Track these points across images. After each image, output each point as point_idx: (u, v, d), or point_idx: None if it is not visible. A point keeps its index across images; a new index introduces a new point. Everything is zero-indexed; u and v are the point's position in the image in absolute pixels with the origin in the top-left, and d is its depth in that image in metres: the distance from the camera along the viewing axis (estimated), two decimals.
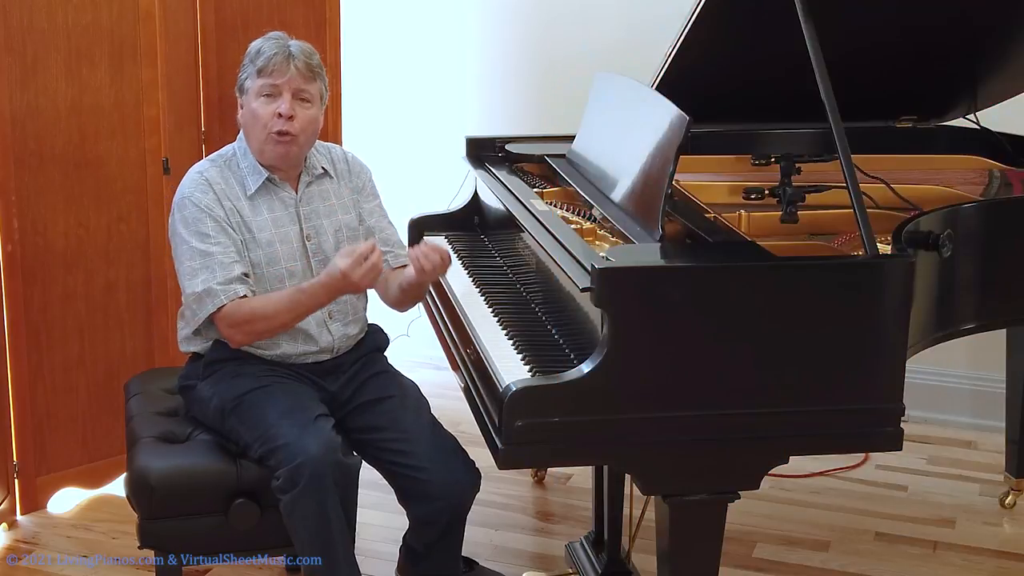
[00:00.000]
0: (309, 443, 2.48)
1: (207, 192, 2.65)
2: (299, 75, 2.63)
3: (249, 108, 2.66)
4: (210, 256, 2.61)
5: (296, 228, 2.71)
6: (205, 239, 2.62)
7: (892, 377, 2.24)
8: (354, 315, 2.78)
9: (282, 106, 2.62)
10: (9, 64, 3.14)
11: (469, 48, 4.47)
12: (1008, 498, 3.52)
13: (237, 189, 2.69)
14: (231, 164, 2.71)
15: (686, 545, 2.27)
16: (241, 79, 2.68)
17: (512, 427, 2.11)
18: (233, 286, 2.59)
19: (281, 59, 2.62)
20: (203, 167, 2.71)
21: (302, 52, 2.65)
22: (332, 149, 2.85)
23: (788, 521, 3.43)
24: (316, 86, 2.67)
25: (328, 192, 2.77)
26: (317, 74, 2.67)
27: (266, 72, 2.62)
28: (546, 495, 3.59)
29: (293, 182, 2.74)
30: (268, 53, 2.63)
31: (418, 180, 4.35)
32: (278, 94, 2.62)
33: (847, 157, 2.33)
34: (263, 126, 2.63)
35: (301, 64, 2.63)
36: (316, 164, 2.76)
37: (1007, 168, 3.23)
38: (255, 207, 2.68)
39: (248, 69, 2.66)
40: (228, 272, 2.60)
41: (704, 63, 2.95)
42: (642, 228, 2.44)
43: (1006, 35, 3.03)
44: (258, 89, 2.63)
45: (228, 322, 2.60)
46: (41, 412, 3.34)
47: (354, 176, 2.83)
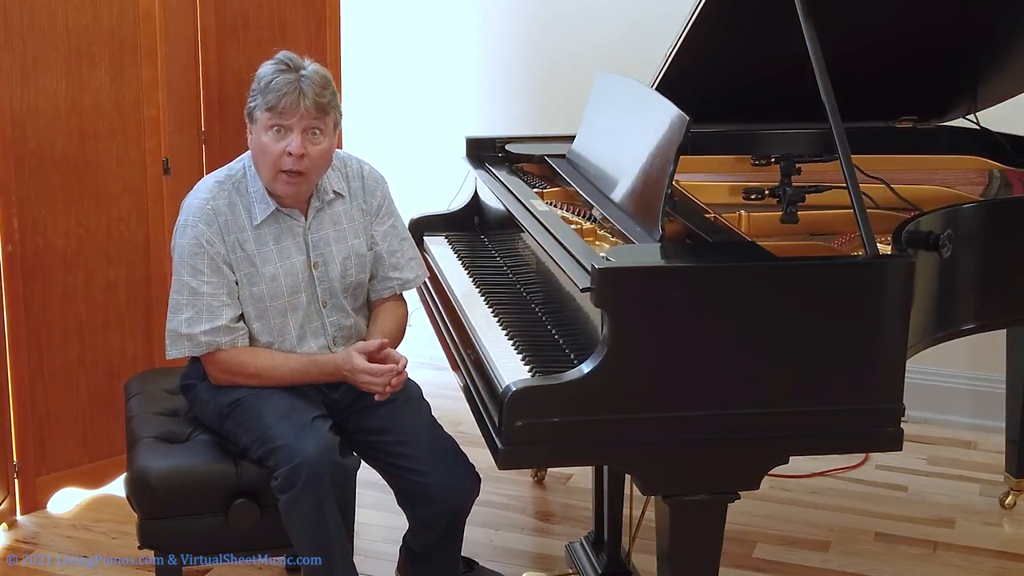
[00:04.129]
0: (306, 444, 2.47)
1: (211, 224, 2.59)
2: (309, 114, 2.52)
3: (259, 140, 2.56)
4: (199, 296, 2.58)
5: (303, 258, 2.67)
6: (198, 276, 2.58)
7: (892, 377, 2.24)
8: (357, 337, 2.76)
9: (292, 144, 2.52)
10: (9, 64, 3.14)
11: (469, 48, 4.47)
12: (1008, 498, 3.52)
13: (243, 219, 2.62)
14: (240, 188, 2.64)
15: (686, 545, 2.27)
16: (250, 107, 2.57)
17: (512, 427, 2.11)
18: (216, 338, 2.58)
19: (292, 99, 2.49)
20: (211, 192, 2.63)
21: (313, 88, 2.51)
22: (348, 164, 2.76)
23: (788, 521, 3.43)
24: (329, 119, 2.57)
25: (339, 215, 2.71)
26: (330, 106, 2.56)
27: (276, 109, 2.51)
28: (546, 495, 3.59)
29: (303, 206, 2.67)
30: (278, 91, 2.50)
31: (418, 180, 4.35)
32: (288, 130, 2.53)
33: (847, 157, 2.33)
34: (272, 163, 2.55)
35: (311, 103, 2.51)
36: (328, 188, 2.69)
37: (1007, 168, 3.23)
38: (260, 238, 2.63)
39: (257, 100, 2.54)
40: (214, 319, 2.58)
41: (704, 63, 2.96)
42: (642, 228, 2.44)
43: (1006, 35, 3.03)
44: (267, 122, 2.53)
45: (220, 367, 2.62)
46: (41, 412, 3.34)
47: (368, 195, 2.75)
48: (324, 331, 2.70)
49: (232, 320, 2.60)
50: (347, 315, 2.73)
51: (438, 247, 3.20)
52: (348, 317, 2.74)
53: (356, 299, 2.77)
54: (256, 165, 2.62)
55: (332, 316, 2.71)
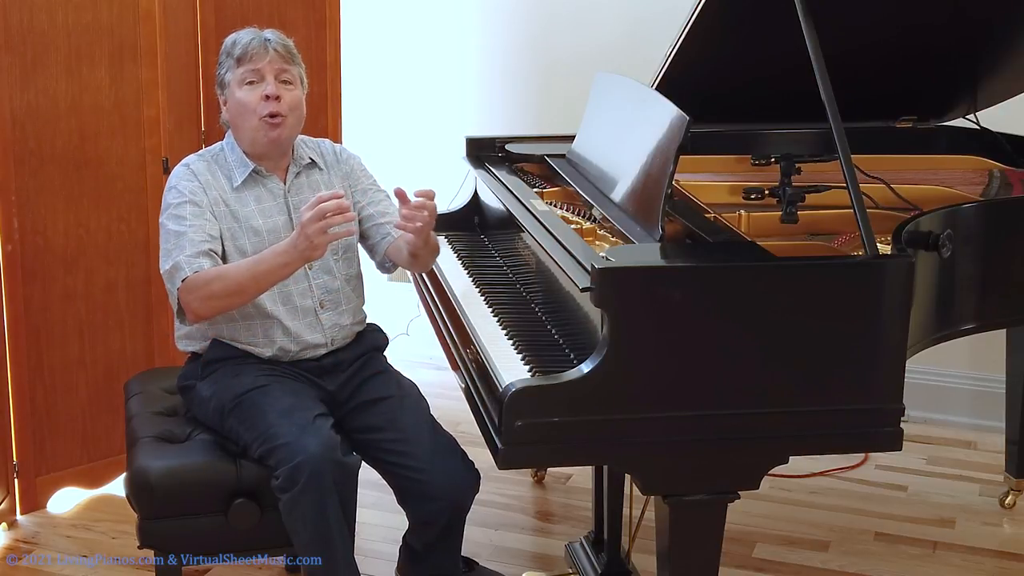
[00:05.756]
0: (308, 442, 2.47)
1: (192, 180, 2.67)
2: (279, 57, 2.66)
3: (234, 99, 2.67)
4: (182, 235, 2.60)
5: (284, 218, 2.71)
6: (181, 222, 2.62)
7: (892, 377, 2.24)
8: (346, 304, 2.77)
9: (268, 88, 2.63)
10: (9, 64, 3.14)
11: (469, 48, 4.47)
12: (1008, 498, 3.52)
13: (224, 182, 2.70)
14: (218, 159, 2.73)
15: (686, 545, 2.27)
16: (220, 74, 2.70)
17: (512, 427, 2.11)
18: (199, 260, 2.57)
19: (258, 45, 2.65)
20: (190, 160, 2.74)
21: (278, 36, 2.69)
22: (321, 143, 2.86)
23: (788, 521, 3.43)
24: (296, 69, 2.70)
25: (318, 183, 2.78)
26: (296, 57, 2.70)
27: (246, 59, 2.64)
28: (546, 495, 3.59)
29: (281, 173, 2.74)
30: (244, 41, 2.66)
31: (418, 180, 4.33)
32: (261, 79, 2.64)
33: (847, 157, 2.33)
34: (252, 112, 2.65)
35: (279, 47, 2.67)
36: (304, 155, 2.78)
37: (1007, 168, 3.23)
38: (242, 198, 2.69)
39: (227, 63, 2.68)
40: (196, 248, 2.59)
41: (704, 63, 2.96)
42: (642, 228, 2.44)
43: (1006, 35, 3.03)
44: (240, 78, 2.65)
45: (189, 289, 2.54)
46: (41, 412, 3.34)
47: (342, 163, 2.84)
48: (311, 293, 2.71)
49: (213, 251, 2.61)
50: (334, 278, 2.74)
51: None
52: (335, 280, 2.75)
53: (349, 265, 2.78)
54: (236, 129, 2.71)
55: (319, 278, 2.72)
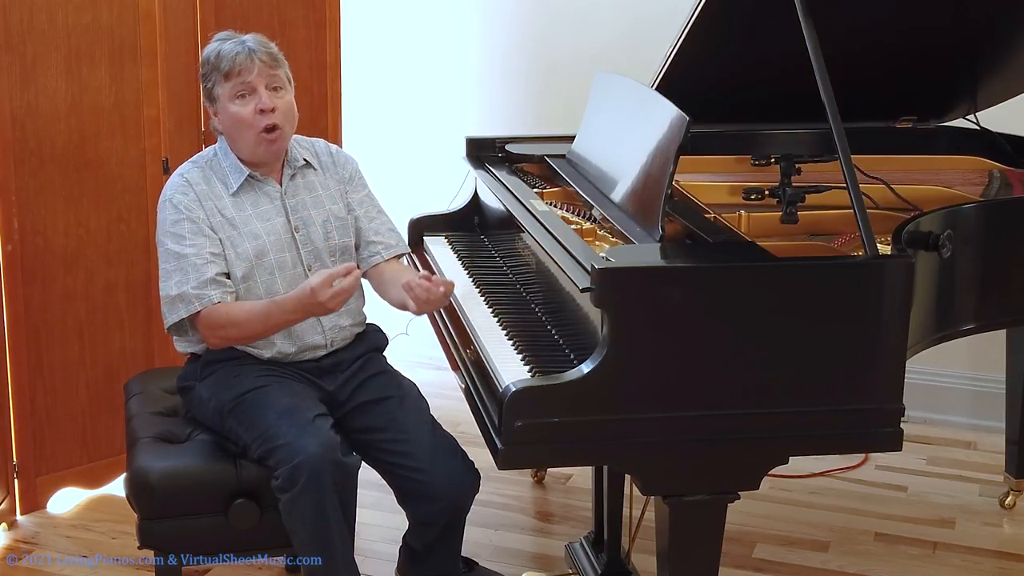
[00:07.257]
0: (308, 443, 2.47)
1: (187, 193, 2.66)
2: (265, 66, 2.63)
3: (228, 114, 2.65)
4: (184, 258, 2.61)
5: (283, 220, 2.71)
6: (180, 241, 2.62)
7: (892, 377, 2.24)
8: (345, 305, 2.77)
9: (262, 100, 2.62)
10: (9, 64, 3.14)
11: (469, 48, 4.47)
12: (1008, 499, 3.52)
13: (220, 188, 2.69)
14: (212, 164, 2.72)
15: (686, 545, 2.27)
16: (208, 88, 2.67)
17: (512, 427, 2.11)
18: (207, 291, 2.59)
19: (244, 57, 2.62)
20: (185, 169, 2.72)
21: (259, 43, 2.65)
22: (315, 143, 2.86)
23: (788, 521, 3.43)
24: (282, 71, 2.68)
25: (314, 183, 2.78)
26: (279, 59, 2.68)
27: (234, 74, 2.62)
28: (546, 495, 3.59)
29: (276, 175, 2.74)
30: (230, 57, 2.62)
31: (418, 180, 4.35)
32: (252, 91, 2.63)
33: (847, 157, 2.33)
34: (249, 126, 2.63)
35: (264, 55, 2.64)
36: (298, 156, 2.77)
37: (1007, 168, 3.23)
38: (239, 204, 2.69)
39: (213, 76, 2.64)
40: (201, 275, 2.59)
41: (704, 63, 2.96)
42: (642, 228, 2.44)
43: (1006, 35, 3.03)
44: (231, 92, 2.63)
45: (204, 324, 2.62)
46: (41, 412, 3.34)
47: (339, 167, 2.83)
48: None
49: (219, 274, 2.62)
50: None
51: (438, 247, 3.20)
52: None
53: None
54: (232, 141, 2.69)
55: None
